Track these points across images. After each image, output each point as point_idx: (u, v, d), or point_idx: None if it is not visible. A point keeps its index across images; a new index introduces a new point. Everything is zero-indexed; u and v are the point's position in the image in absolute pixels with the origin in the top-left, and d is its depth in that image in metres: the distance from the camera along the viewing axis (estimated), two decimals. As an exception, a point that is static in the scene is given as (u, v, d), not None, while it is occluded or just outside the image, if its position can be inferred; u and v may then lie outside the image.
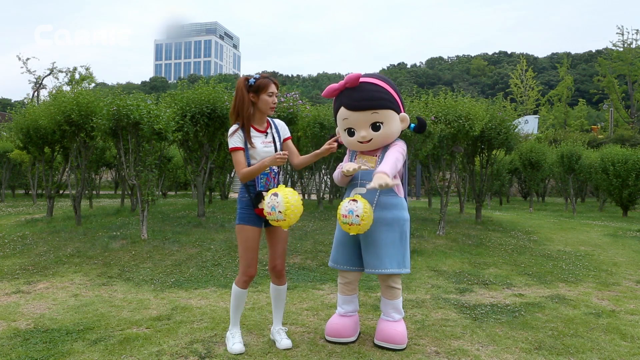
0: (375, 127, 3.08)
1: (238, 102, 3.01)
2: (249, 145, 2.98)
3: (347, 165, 3.02)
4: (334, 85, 3.14)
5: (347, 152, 3.34)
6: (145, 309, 3.89)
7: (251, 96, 3.01)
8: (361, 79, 3.08)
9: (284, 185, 2.92)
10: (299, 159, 3.16)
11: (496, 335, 3.36)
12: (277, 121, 3.20)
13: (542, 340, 3.26)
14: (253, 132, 3.02)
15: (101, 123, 6.57)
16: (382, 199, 3.08)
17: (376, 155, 3.17)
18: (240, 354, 2.95)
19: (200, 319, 3.62)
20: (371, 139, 3.10)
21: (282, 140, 3.15)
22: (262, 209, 2.87)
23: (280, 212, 2.77)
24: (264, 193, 2.91)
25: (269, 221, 2.87)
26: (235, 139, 2.98)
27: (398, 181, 3.04)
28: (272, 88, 3.02)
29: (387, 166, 2.92)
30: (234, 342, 3.01)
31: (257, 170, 2.93)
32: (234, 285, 3.06)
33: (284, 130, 3.19)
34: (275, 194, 2.81)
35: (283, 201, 2.77)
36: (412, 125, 3.30)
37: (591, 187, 18.80)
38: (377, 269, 3.07)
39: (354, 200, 2.94)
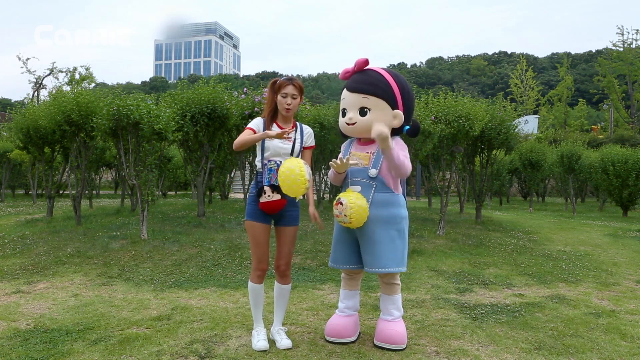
0: (363, 112, 3.08)
1: (265, 100, 3.18)
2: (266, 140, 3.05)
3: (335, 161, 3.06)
4: (348, 68, 3.20)
5: (342, 149, 3.35)
6: (145, 309, 3.89)
7: (274, 96, 3.11)
8: (372, 67, 3.13)
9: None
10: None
11: (496, 335, 3.36)
12: (305, 127, 3.23)
13: (542, 340, 3.26)
14: (275, 128, 3.10)
15: (101, 123, 6.57)
16: (377, 196, 3.06)
17: (369, 153, 3.14)
18: (264, 350, 2.98)
19: (200, 319, 3.62)
20: (355, 123, 3.10)
21: (303, 147, 3.16)
22: (264, 203, 2.97)
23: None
24: (266, 188, 2.99)
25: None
26: (253, 123, 3.11)
27: (393, 145, 2.97)
28: (287, 89, 3.06)
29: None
30: (258, 339, 3.06)
31: (253, 139, 3.00)
32: (249, 282, 3.13)
33: (309, 138, 3.20)
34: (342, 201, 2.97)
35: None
36: (407, 127, 3.25)
37: (591, 187, 18.79)
38: (375, 267, 3.06)
39: (339, 202, 2.98)
